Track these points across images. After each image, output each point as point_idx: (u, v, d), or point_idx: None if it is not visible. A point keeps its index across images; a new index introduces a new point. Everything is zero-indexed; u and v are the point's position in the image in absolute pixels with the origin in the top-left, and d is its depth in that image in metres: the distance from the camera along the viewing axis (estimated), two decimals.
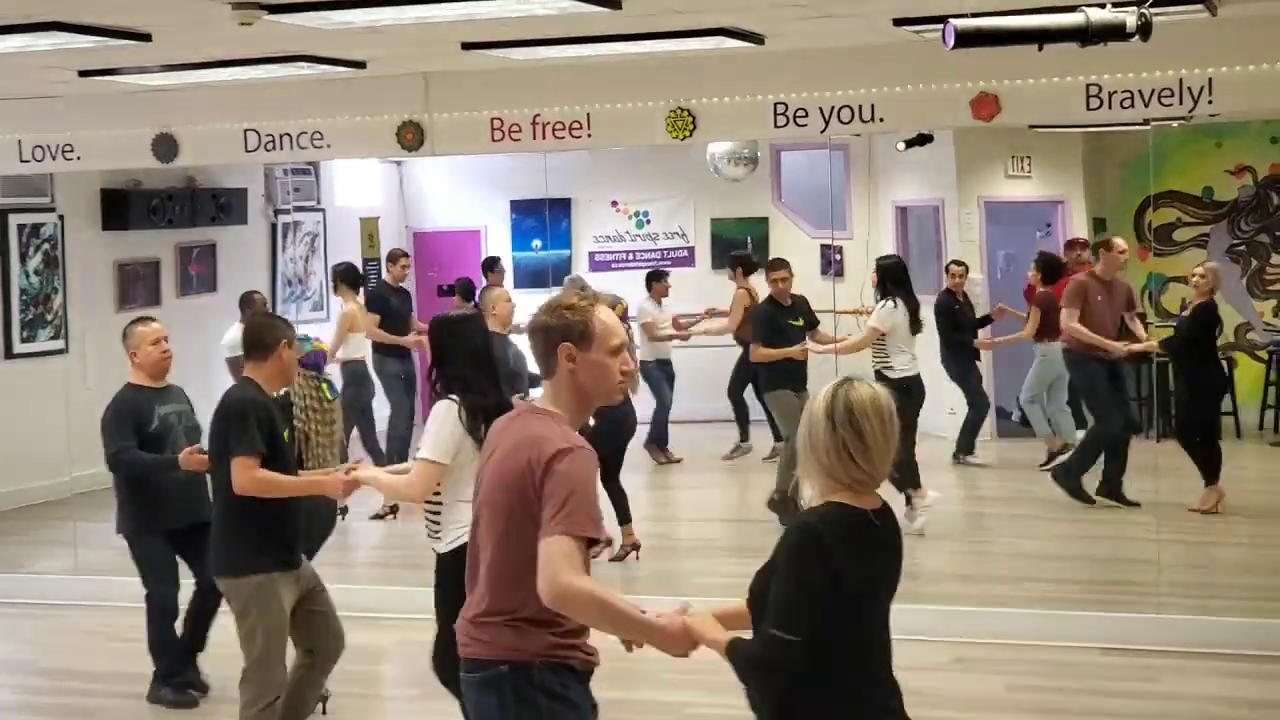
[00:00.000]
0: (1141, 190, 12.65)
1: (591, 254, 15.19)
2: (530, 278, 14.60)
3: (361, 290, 12.47)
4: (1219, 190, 13.73)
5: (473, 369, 5.72)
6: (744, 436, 13.31)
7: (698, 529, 11.36)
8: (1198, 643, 7.71)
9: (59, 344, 11.99)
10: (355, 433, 11.71)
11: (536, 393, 4.43)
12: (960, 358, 12.40)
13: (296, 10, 6.41)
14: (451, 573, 5.55)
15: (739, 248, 14.34)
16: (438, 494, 5.73)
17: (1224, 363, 11.86)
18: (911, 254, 14.02)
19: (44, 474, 10.92)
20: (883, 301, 10.52)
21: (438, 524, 5.79)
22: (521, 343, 10.12)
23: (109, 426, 7.25)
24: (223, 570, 6.08)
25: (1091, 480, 10.70)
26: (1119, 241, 11.26)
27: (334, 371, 11.00)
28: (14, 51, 7.30)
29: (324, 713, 6.79)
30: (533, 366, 9.73)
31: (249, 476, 5.87)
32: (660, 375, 13.18)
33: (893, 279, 10.62)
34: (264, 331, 6.15)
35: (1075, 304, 10.70)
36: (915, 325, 10.59)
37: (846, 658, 3.62)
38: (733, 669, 3.68)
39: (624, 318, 10.11)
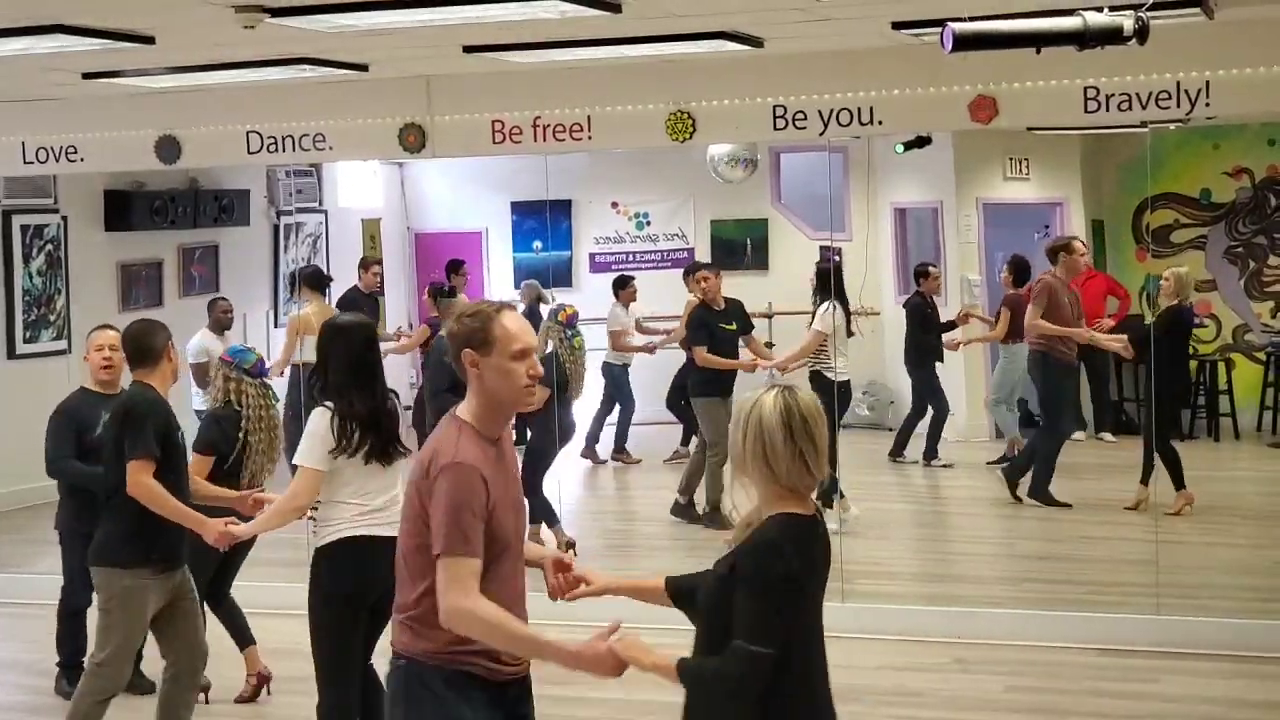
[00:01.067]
0: (1139, 192, 12.68)
1: (592, 255, 15.21)
2: (531, 278, 14.61)
3: (327, 294, 12.43)
4: (1216, 192, 13.75)
5: (350, 376, 5.78)
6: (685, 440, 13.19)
7: (657, 529, 11.36)
8: (1196, 644, 7.74)
9: (62, 344, 11.99)
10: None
11: None
12: (925, 360, 12.48)
13: (299, 13, 6.44)
14: (321, 570, 5.79)
15: (739, 249, 14.37)
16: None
17: (1193, 367, 11.91)
18: (910, 256, 14.06)
19: (40, 474, 10.91)
20: (823, 305, 10.53)
21: (316, 523, 5.92)
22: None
23: (49, 432, 7.32)
24: (96, 559, 6.14)
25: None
26: (1079, 244, 11.30)
27: (285, 376, 11.05)
28: (18, 54, 7.33)
29: (206, 702, 6.97)
30: None
31: (142, 482, 5.94)
32: (625, 379, 13.16)
33: (825, 282, 10.64)
34: (151, 337, 6.20)
35: (1042, 302, 10.74)
36: (849, 330, 10.72)
37: (805, 660, 3.65)
38: (686, 688, 3.68)
39: (571, 323, 10.17)
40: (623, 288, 13.32)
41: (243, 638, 7.40)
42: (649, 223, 15.27)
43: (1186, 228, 13.78)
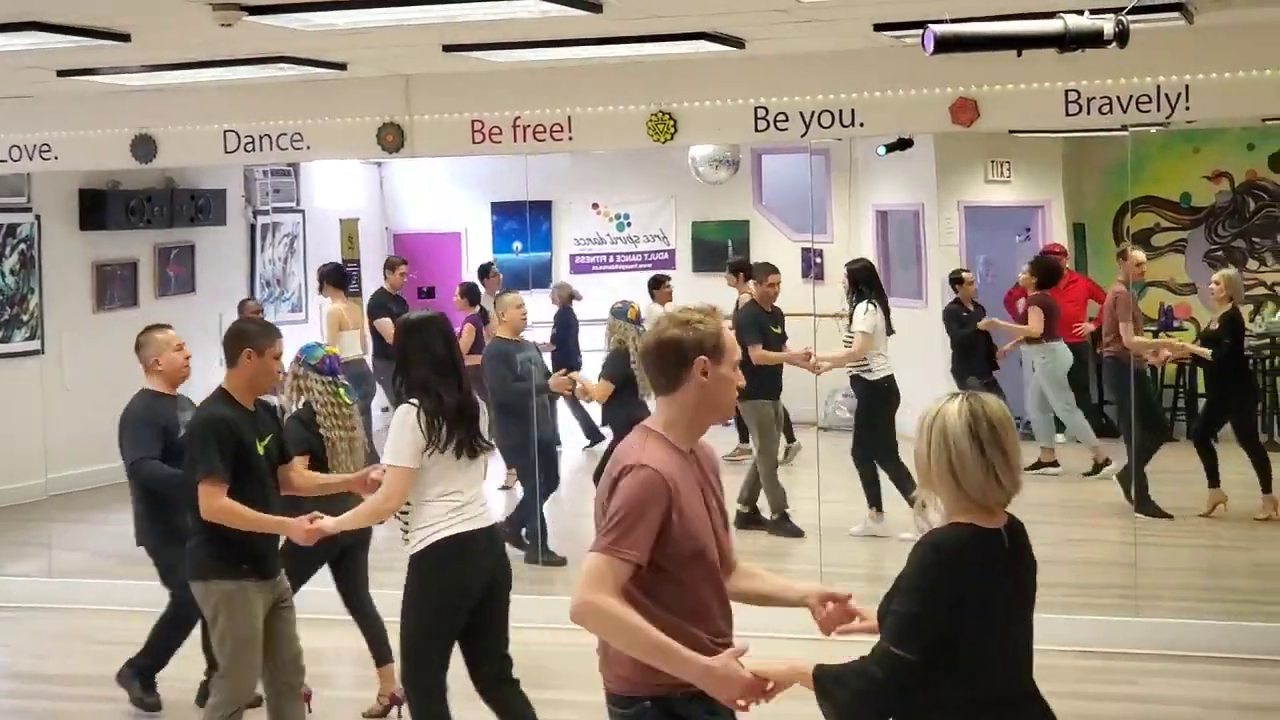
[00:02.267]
0: (1120, 195, 12.69)
1: (572, 256, 15.17)
2: (511, 280, 14.57)
3: (346, 290, 12.45)
4: (1196, 196, 13.78)
5: (434, 372, 5.73)
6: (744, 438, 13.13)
7: None
8: (1177, 646, 7.75)
9: (35, 345, 11.91)
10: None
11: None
12: (967, 369, 12.39)
13: (277, 11, 6.39)
14: (422, 573, 5.69)
15: (720, 251, 14.35)
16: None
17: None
18: (892, 258, 14.06)
19: (19, 476, 10.84)
20: (864, 305, 10.48)
21: (406, 526, 5.80)
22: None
23: (134, 431, 7.05)
24: (191, 574, 6.00)
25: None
26: (1138, 254, 11.24)
27: None
28: None
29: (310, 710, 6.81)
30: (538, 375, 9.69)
31: (213, 506, 5.79)
32: None
33: (865, 281, 10.60)
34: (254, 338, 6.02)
35: (1128, 314, 10.58)
36: (889, 327, 10.60)
37: (971, 680, 3.56)
38: (819, 694, 3.57)
39: (640, 320, 10.15)
40: (658, 287, 13.28)
41: (379, 653, 7.15)
42: (630, 224, 15.24)
43: (1167, 231, 13.81)
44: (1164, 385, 13.17)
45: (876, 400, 10.50)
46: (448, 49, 7.77)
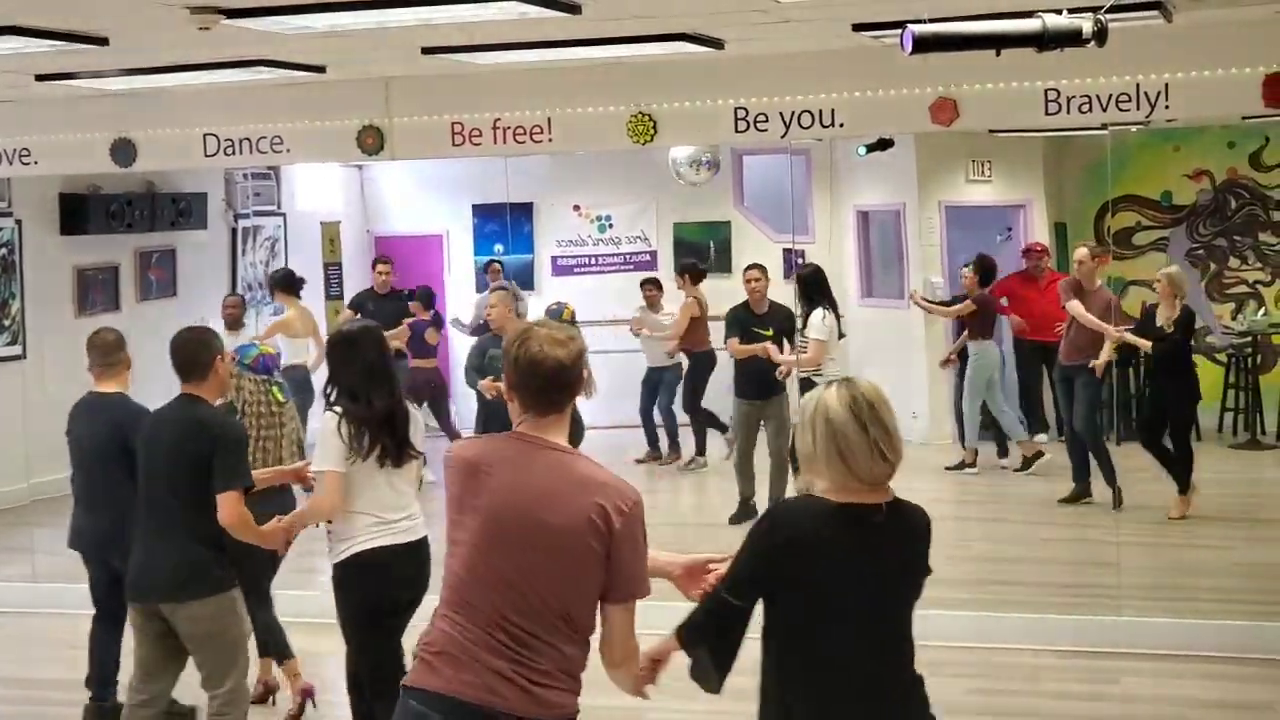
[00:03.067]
0: (1101, 194, 12.73)
1: (554, 258, 15.16)
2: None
3: (298, 295, 12.38)
4: (1178, 194, 13.83)
5: (366, 379, 5.81)
6: (700, 449, 13.05)
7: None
8: (1158, 645, 7.75)
9: (16, 349, 11.88)
10: None
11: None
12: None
13: (255, 15, 6.37)
14: (342, 583, 5.81)
15: (701, 252, 14.36)
16: None
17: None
18: (873, 258, 14.08)
19: (1, 480, 10.82)
20: (819, 312, 10.41)
21: (330, 533, 5.89)
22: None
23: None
24: (210, 589, 5.79)
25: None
26: (1081, 251, 11.25)
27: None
28: None
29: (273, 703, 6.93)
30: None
31: (243, 514, 5.75)
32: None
33: (815, 287, 10.57)
34: (206, 347, 5.97)
35: (1070, 294, 10.71)
36: (840, 331, 10.67)
37: (808, 653, 3.63)
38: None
39: (573, 321, 10.17)
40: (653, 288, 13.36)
41: (278, 651, 7.18)
42: (611, 226, 15.22)
43: (1148, 230, 13.86)
44: (1146, 385, 13.19)
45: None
46: (427, 51, 7.75)
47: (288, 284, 12.31)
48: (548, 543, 3.70)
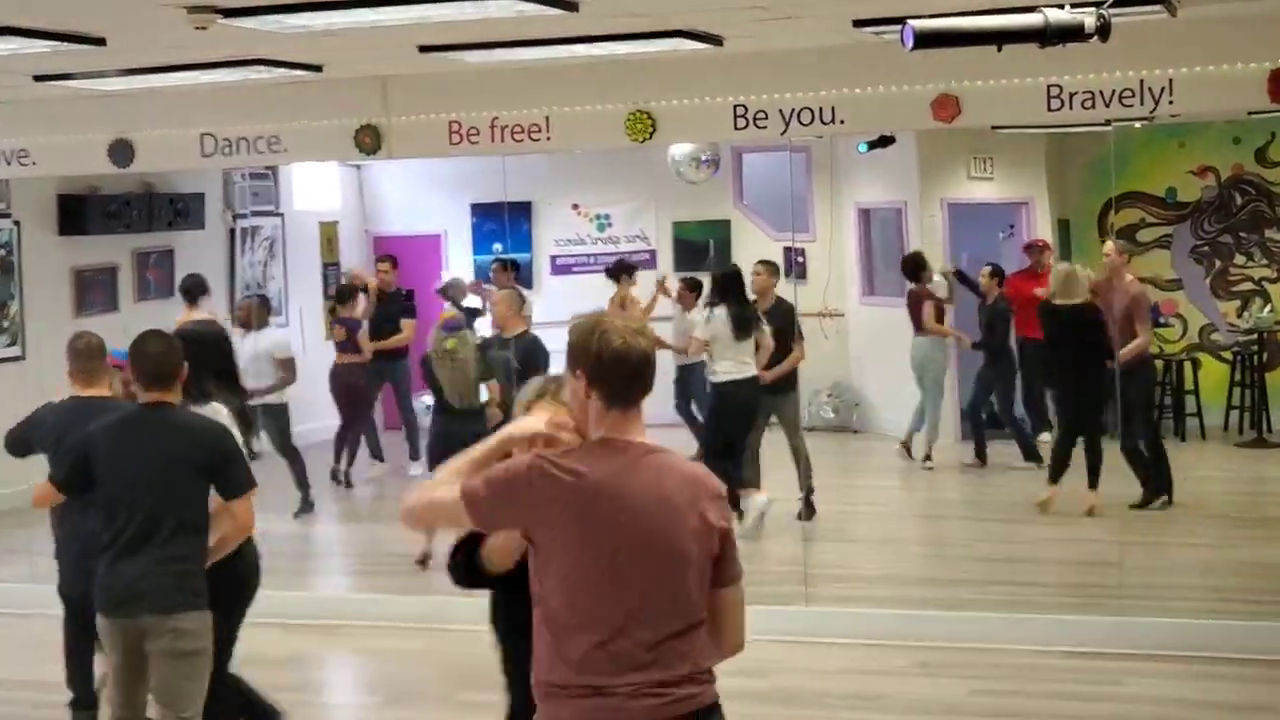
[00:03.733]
0: (1105, 191, 12.67)
1: (553, 258, 15.13)
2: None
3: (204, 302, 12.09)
4: (1182, 191, 13.76)
5: (216, 381, 5.96)
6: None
7: None
8: (1161, 645, 7.69)
9: (15, 351, 11.86)
10: None
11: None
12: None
13: (251, 14, 6.33)
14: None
15: (701, 251, 14.32)
16: None
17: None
18: (875, 256, 14.03)
19: (1, 481, 10.77)
20: (707, 313, 10.46)
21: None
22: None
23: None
24: (206, 603, 5.58)
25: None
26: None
27: None
28: None
29: None
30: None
31: (252, 516, 5.68)
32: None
33: (724, 289, 10.54)
34: (178, 356, 5.74)
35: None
36: (740, 333, 10.34)
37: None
38: None
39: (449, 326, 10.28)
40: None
41: None
42: (610, 224, 15.18)
43: (1152, 226, 13.79)
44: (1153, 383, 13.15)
45: (714, 401, 10.62)
46: (424, 50, 7.71)
47: (198, 291, 11.79)
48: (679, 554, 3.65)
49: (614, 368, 3.63)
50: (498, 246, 14.85)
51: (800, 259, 13.62)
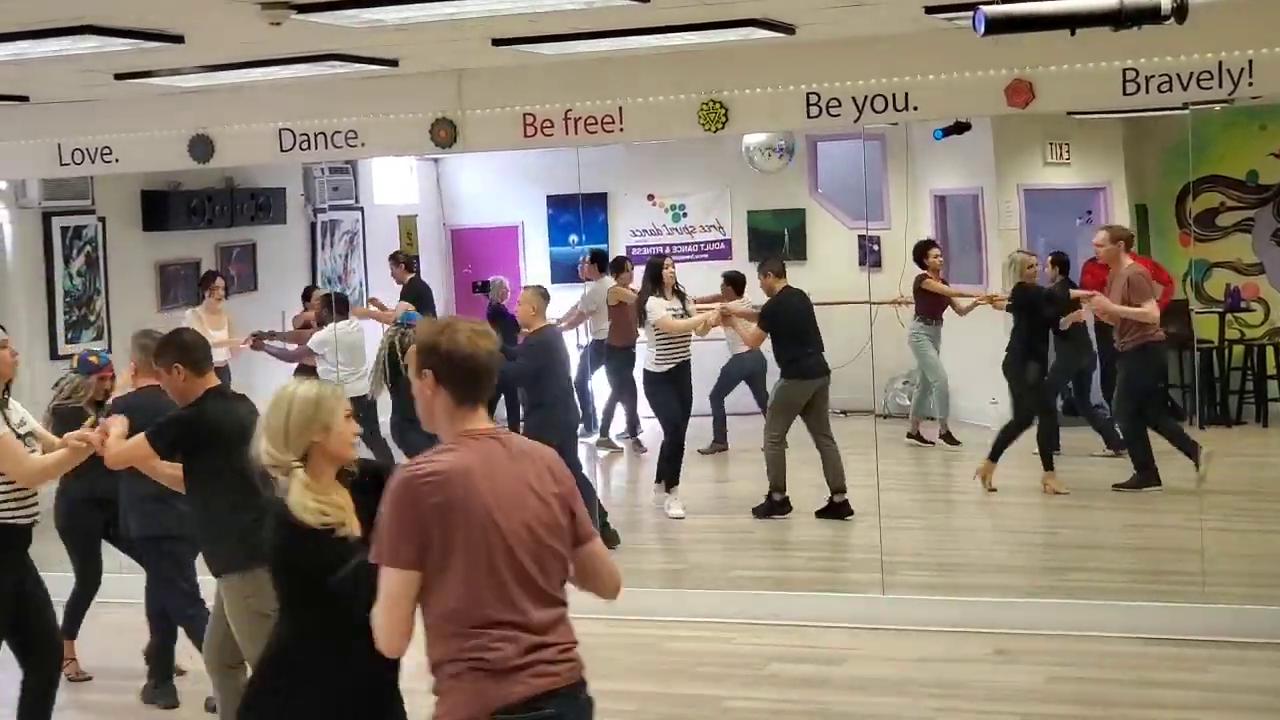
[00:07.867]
0: (1183, 175, 12.51)
1: (629, 248, 15.17)
2: (567, 273, 14.60)
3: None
4: (1264, 174, 13.57)
5: None
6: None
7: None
8: (1246, 632, 7.63)
9: (101, 344, 12.04)
10: None
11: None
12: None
13: (325, 9, 6.40)
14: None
15: (776, 240, 14.29)
16: None
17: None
18: (951, 242, 13.94)
19: None
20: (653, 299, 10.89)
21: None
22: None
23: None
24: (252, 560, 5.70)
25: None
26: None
27: None
28: (51, 55, 7.34)
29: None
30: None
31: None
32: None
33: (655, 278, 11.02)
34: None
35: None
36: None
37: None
38: None
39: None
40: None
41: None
42: (685, 214, 15.21)
43: (1232, 210, 13.61)
44: (1231, 368, 12.98)
45: (648, 386, 11.17)
46: (497, 43, 7.76)
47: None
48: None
49: (463, 366, 3.78)
50: (574, 238, 14.92)
51: (875, 247, 13.57)
